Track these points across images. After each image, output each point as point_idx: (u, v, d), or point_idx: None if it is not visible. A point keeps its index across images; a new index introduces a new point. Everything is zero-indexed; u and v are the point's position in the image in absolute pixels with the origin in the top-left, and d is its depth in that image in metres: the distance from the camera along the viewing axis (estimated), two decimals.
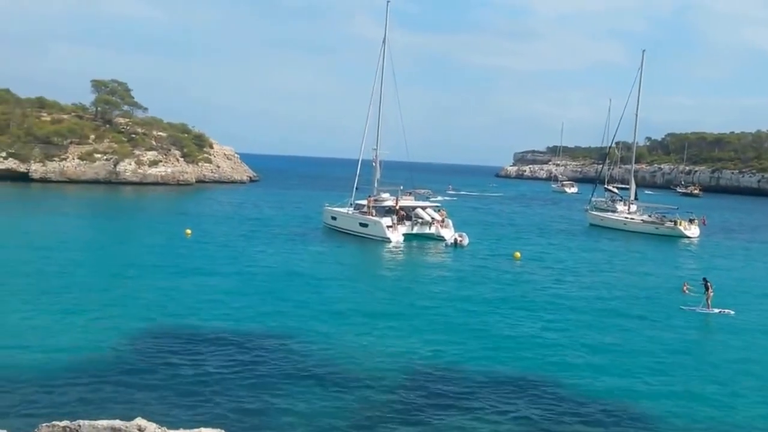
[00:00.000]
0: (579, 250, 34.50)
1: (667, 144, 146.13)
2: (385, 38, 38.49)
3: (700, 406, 12.42)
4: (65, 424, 5.77)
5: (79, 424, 5.73)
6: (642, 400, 12.58)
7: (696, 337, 17.95)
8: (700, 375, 14.25)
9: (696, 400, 12.70)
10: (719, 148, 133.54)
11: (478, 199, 78.61)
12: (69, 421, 5.82)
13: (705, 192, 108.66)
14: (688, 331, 18.08)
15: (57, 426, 5.75)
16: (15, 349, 13.79)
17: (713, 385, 13.61)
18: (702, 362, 15.28)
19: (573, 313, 19.37)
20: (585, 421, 11.41)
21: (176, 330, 15.78)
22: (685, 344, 16.73)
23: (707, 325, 19.21)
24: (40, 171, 64.56)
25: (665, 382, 13.61)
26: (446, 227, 35.56)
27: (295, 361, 13.81)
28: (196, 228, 34.49)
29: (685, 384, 13.59)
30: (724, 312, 19.81)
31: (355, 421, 11.01)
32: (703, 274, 23.59)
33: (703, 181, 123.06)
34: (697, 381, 13.82)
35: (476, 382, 13.08)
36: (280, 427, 10.69)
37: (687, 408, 12.26)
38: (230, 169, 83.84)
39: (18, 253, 25.57)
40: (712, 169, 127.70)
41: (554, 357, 14.86)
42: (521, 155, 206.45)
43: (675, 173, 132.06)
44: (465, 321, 17.94)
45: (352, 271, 26.93)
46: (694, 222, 43.35)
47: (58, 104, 74.90)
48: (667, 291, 23.31)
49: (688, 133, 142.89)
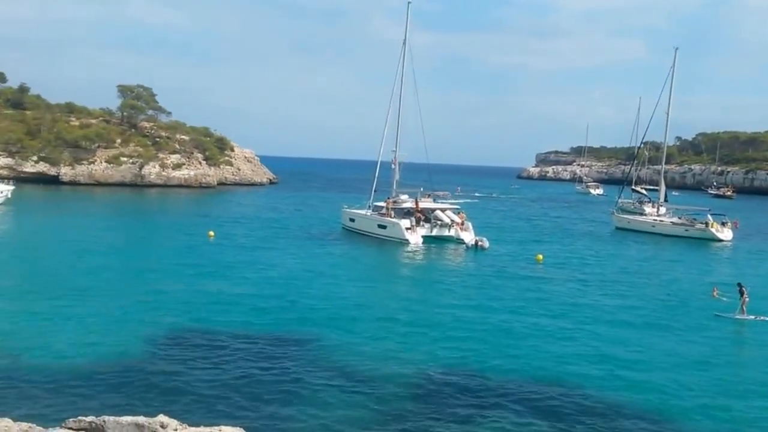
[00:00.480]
0: (604, 254, 33.42)
1: (698, 144, 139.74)
2: (406, 39, 38.31)
3: (737, 424, 11.60)
4: (91, 419, 5.95)
5: (104, 420, 5.90)
6: (672, 415, 11.86)
7: (731, 346, 17.19)
8: (736, 387, 13.48)
9: (731, 416, 11.90)
10: (753, 147, 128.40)
11: (498, 201, 77.79)
12: (94, 417, 5.99)
13: (738, 193, 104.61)
14: (722, 340, 17.32)
15: (83, 421, 5.93)
16: (43, 346, 14.26)
17: (751, 398, 12.78)
18: (737, 373, 14.48)
19: (597, 320, 18.85)
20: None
21: (198, 330, 16.08)
22: (719, 353, 15.89)
23: (742, 332, 18.49)
24: (70, 174, 66.51)
25: (698, 395, 12.95)
26: (466, 230, 35.22)
27: (314, 363, 13.95)
28: (218, 230, 35.04)
29: (720, 397, 12.90)
30: (760, 318, 19.01)
31: (373, 424, 11.06)
32: (736, 279, 22.60)
33: (737, 182, 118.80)
34: (732, 394, 13.08)
35: (495, 389, 12.94)
36: (299, 427, 10.81)
37: (722, 424, 11.56)
38: (250, 172, 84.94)
39: (48, 253, 26.43)
40: (746, 169, 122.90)
41: (576, 366, 14.48)
42: (544, 156, 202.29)
43: (706, 174, 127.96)
44: (485, 325, 17.73)
45: (371, 273, 26.98)
46: (727, 224, 41.50)
47: (87, 109, 77.05)
48: (698, 296, 22.52)
49: (720, 132, 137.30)
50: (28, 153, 65.24)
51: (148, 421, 5.87)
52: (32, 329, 15.48)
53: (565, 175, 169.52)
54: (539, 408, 12.00)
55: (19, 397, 11.42)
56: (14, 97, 75.34)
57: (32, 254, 26.07)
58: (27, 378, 12.34)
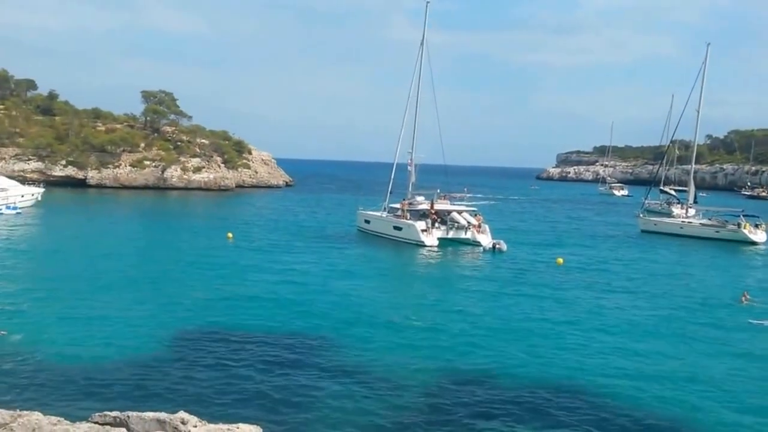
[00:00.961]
0: (627, 257, 32.12)
1: (731, 142, 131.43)
2: (424, 39, 37.97)
3: None
4: (115, 414, 6.26)
5: (128, 415, 6.20)
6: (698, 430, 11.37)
7: (764, 355, 15.95)
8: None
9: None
10: None
11: (517, 203, 76.65)
12: (119, 412, 6.29)
13: None
14: (756, 348, 16.30)
15: (108, 416, 6.24)
16: (69, 344, 14.71)
17: None
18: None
19: (620, 328, 18.05)
20: None
21: (217, 330, 16.45)
22: (751, 363, 15.03)
23: None
24: (96, 177, 68.32)
25: (728, 410, 12.22)
26: (483, 232, 34.89)
27: (331, 365, 14.02)
28: (236, 232, 35.60)
29: (749, 414, 12.05)
30: None
31: (388, 424, 11.16)
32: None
33: None
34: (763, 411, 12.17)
35: (513, 395, 12.67)
36: (315, 428, 10.98)
37: None
38: (267, 174, 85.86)
39: (74, 253, 27.23)
40: None
41: (597, 376, 13.83)
42: (565, 156, 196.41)
43: (739, 174, 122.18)
44: (502, 330, 17.41)
45: (387, 275, 27.04)
46: (761, 226, 39.48)
47: (112, 115, 79.09)
48: (727, 302, 21.55)
49: (753, 129, 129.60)
50: (57, 157, 67.25)
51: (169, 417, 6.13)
52: (59, 327, 16.00)
53: (587, 176, 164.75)
54: (557, 417, 11.71)
55: (48, 392, 11.93)
56: (44, 103, 77.79)
57: (59, 255, 26.90)
58: (54, 374, 12.85)
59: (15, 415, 6.06)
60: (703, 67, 44.49)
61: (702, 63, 44.56)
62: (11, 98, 76.88)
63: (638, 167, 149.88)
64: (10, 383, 12.21)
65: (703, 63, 44.55)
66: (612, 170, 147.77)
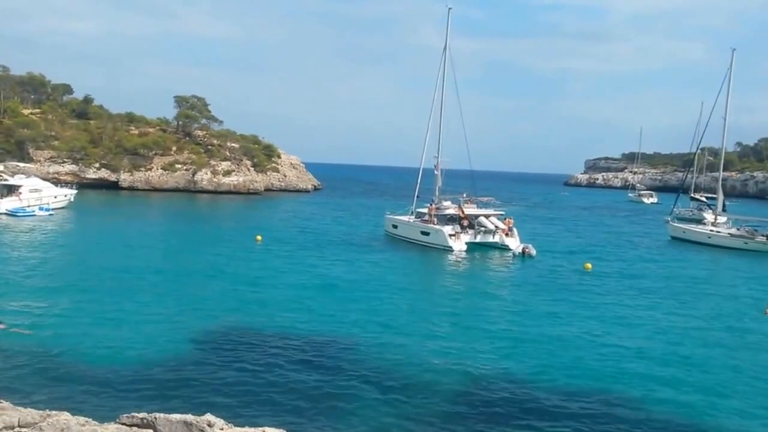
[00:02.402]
0: (656, 265, 31.95)
1: (761, 149, 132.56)
2: (446, 46, 38.26)
3: None
4: (143, 415, 6.16)
5: (155, 417, 6.09)
6: None
7: None
8: None
9: None
10: None
11: (546, 209, 75.75)
12: (146, 414, 6.20)
13: None
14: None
15: (135, 417, 6.15)
16: (98, 345, 14.79)
17: None
18: None
19: (646, 335, 17.90)
20: None
21: (245, 332, 16.43)
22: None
23: None
24: (129, 180, 70.19)
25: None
26: (512, 237, 34.49)
27: (358, 369, 13.97)
28: (265, 235, 35.85)
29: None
30: None
31: (414, 429, 10.96)
32: None
33: None
34: None
35: (541, 399, 12.62)
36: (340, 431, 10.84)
37: None
38: (296, 178, 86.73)
39: (105, 254, 27.73)
40: None
41: (626, 384, 13.78)
42: (593, 162, 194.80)
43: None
44: (529, 333, 17.35)
45: (415, 280, 26.87)
46: None
47: (145, 119, 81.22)
48: (751, 314, 21.08)
49: None
50: (91, 160, 69.39)
51: (196, 420, 6.02)
52: (88, 328, 16.05)
53: (615, 183, 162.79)
54: (584, 423, 11.53)
55: (76, 392, 11.98)
56: (79, 107, 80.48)
57: (89, 255, 27.41)
58: (83, 375, 12.92)
59: (44, 414, 6.03)
60: (728, 73, 43.61)
61: (727, 69, 43.68)
62: (48, 102, 79.82)
63: (667, 174, 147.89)
64: (39, 383, 12.30)
65: (728, 69, 43.62)
66: (641, 177, 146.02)
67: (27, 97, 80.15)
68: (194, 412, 6.37)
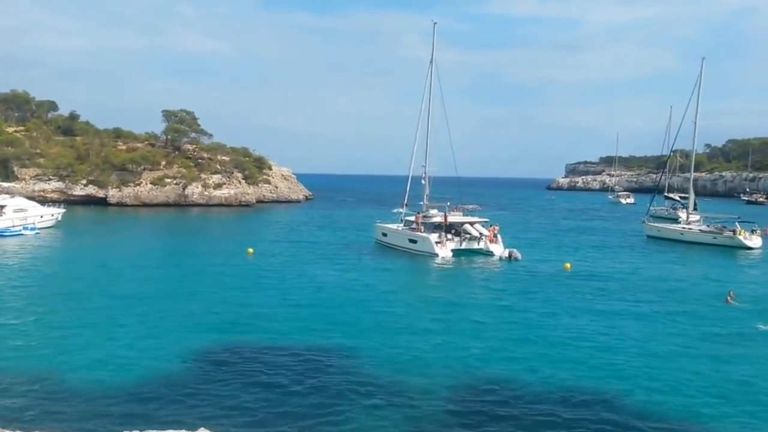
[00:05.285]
0: (633, 261, 33.92)
1: (728, 151, 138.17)
2: (432, 58, 39.37)
3: None
4: None
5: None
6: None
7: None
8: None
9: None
10: None
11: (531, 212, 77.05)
12: (140, 430, 6.44)
13: None
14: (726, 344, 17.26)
15: None
16: (89, 361, 14.85)
17: None
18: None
19: (622, 326, 18.98)
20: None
21: (237, 344, 16.61)
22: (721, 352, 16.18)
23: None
24: (117, 196, 69.80)
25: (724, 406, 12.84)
26: (496, 243, 35.42)
27: (351, 376, 14.10)
28: (257, 247, 36.00)
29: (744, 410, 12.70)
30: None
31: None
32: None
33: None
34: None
35: (528, 397, 12.98)
36: None
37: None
38: (287, 189, 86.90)
39: (94, 271, 27.65)
40: None
41: (610, 381, 14.31)
42: (573, 166, 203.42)
43: (738, 181, 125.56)
44: (512, 333, 18.00)
45: (402, 286, 27.24)
46: (756, 232, 41.43)
47: (133, 134, 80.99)
48: (712, 301, 22.81)
49: (750, 138, 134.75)
50: (77, 177, 68.85)
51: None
52: (79, 344, 16.16)
53: (594, 185, 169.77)
54: (568, 412, 11.91)
55: (67, 410, 11.99)
56: (65, 124, 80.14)
57: (77, 274, 27.21)
58: (74, 392, 12.88)
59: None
60: (698, 81, 46.17)
61: (697, 77, 46.22)
62: (32, 120, 79.21)
63: (642, 176, 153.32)
64: (27, 404, 12.23)
65: (698, 77, 46.21)
66: (618, 179, 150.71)
67: (11, 115, 79.67)
68: (187, 427, 6.49)
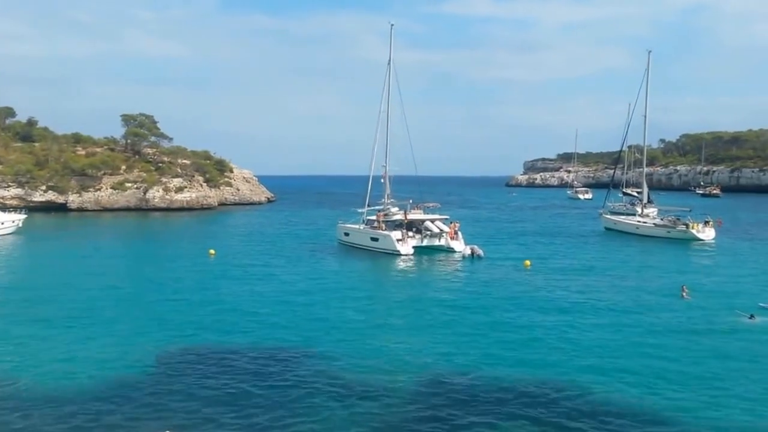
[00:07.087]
0: (590, 256, 34.78)
1: (682, 145, 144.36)
2: (390, 59, 40.20)
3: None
4: None
5: None
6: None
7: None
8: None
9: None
10: (737, 146, 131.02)
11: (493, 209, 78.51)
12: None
13: (724, 192, 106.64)
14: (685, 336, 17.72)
15: None
16: (49, 368, 14.69)
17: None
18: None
19: (579, 320, 19.36)
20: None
21: (201, 347, 16.56)
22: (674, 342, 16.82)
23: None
24: (77, 201, 68.73)
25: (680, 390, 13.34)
26: (457, 240, 36.38)
27: (317, 376, 14.13)
28: (219, 249, 36.33)
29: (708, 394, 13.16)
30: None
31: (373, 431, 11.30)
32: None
33: (723, 181, 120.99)
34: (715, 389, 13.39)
35: (492, 391, 13.19)
36: None
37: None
38: (249, 192, 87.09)
39: (56, 278, 27.37)
40: (731, 168, 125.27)
41: (571, 372, 14.48)
42: (531, 164, 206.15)
43: (692, 174, 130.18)
44: (474, 329, 18.24)
45: (365, 284, 27.67)
46: (709, 224, 42.53)
47: (92, 139, 79.62)
48: (667, 295, 23.04)
49: (703, 132, 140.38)
50: (37, 183, 67.45)
51: None
52: (39, 352, 15.99)
53: (552, 182, 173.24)
54: (531, 404, 12.40)
55: (30, 419, 11.76)
56: (23, 130, 78.07)
57: (41, 280, 26.87)
58: (36, 401, 12.66)
59: None
60: (646, 74, 46.45)
61: (645, 70, 46.53)
62: None
63: (599, 172, 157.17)
64: None
65: (646, 70, 46.51)
66: (575, 175, 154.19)
67: None
68: (153, 430, 6.90)
